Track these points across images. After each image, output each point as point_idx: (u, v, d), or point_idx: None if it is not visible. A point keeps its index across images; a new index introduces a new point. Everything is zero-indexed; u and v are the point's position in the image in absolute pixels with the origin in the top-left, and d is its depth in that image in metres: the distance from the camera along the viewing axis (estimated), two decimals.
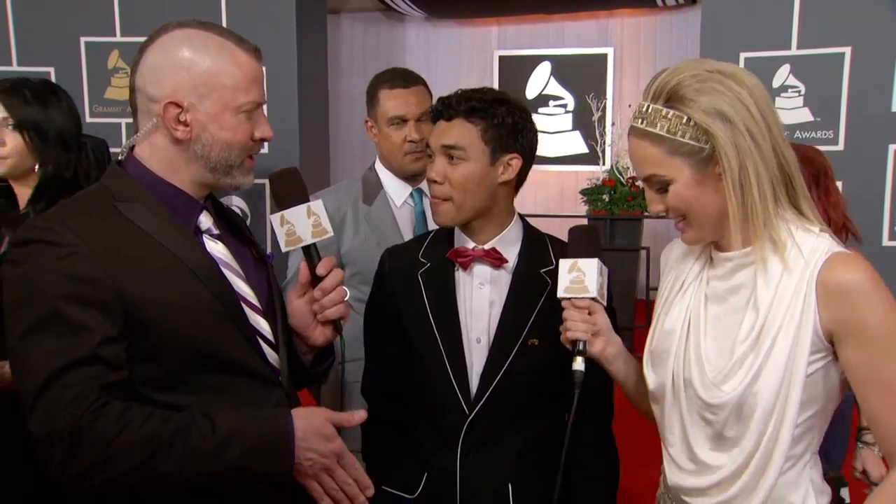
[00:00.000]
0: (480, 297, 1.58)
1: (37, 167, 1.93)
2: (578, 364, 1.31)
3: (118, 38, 4.41)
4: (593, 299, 1.34)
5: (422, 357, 1.59)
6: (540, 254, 1.58)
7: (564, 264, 1.36)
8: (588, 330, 1.32)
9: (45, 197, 1.90)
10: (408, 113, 2.07)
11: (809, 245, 1.20)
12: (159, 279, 1.19)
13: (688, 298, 1.32)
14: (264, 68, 1.29)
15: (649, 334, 1.37)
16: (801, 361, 1.18)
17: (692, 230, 1.26)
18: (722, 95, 1.18)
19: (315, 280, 1.36)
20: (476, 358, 1.57)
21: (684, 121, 1.18)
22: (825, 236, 1.22)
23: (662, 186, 1.23)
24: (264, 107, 1.30)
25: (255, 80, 1.27)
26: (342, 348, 1.39)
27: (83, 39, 4.43)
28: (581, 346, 1.31)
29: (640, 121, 1.22)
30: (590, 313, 1.34)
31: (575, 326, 1.31)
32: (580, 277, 1.33)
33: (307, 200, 1.34)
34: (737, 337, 1.24)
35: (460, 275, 1.60)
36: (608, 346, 1.35)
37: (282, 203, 1.34)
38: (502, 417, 1.56)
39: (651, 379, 1.33)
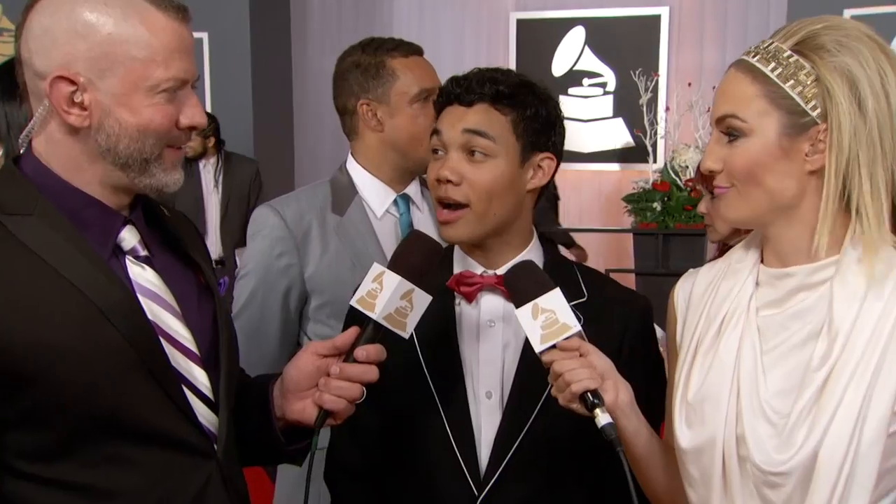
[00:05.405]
0: (491, 339, 1.59)
1: None
2: (604, 417, 1.32)
3: None
4: (580, 336, 1.38)
5: (413, 420, 1.59)
6: (568, 283, 1.58)
7: (524, 313, 1.39)
8: (594, 374, 1.34)
9: None
10: (437, 84, 2.04)
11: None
12: (51, 320, 1.19)
13: (735, 335, 1.34)
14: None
15: (679, 383, 1.40)
16: (878, 411, 1.21)
17: (735, 206, 1.32)
18: (865, 64, 1.23)
19: (348, 356, 1.41)
20: (486, 419, 1.57)
21: (805, 72, 1.24)
22: None
23: (734, 135, 1.29)
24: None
25: (179, 50, 1.26)
26: (313, 443, 1.42)
27: None
28: (593, 398, 1.33)
29: (752, 54, 1.30)
30: (580, 356, 1.36)
31: (576, 375, 1.33)
32: (551, 317, 1.37)
33: (418, 283, 1.42)
34: (804, 379, 1.27)
35: (463, 309, 1.61)
36: (620, 393, 1.37)
37: (394, 263, 1.43)
38: (522, 497, 1.56)
39: (685, 437, 1.35)
